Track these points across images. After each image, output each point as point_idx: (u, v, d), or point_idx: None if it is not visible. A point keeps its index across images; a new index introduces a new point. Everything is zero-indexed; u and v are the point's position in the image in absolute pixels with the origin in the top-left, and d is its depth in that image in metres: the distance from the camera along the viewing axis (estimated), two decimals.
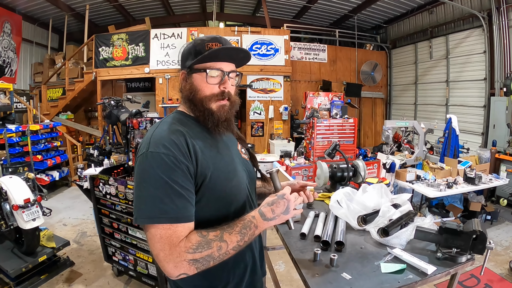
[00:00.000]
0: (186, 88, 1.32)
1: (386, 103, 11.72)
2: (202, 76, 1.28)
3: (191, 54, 1.30)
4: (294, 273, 3.74)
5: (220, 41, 1.30)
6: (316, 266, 1.57)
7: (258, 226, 1.20)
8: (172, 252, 1.07)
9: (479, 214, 5.11)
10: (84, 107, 10.68)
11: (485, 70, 7.70)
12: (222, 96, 1.30)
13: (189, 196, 1.15)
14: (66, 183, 7.52)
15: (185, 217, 1.12)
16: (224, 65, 1.30)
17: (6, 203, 3.34)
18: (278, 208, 1.23)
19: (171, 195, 1.10)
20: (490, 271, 3.81)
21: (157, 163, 1.12)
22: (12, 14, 9.29)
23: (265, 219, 1.21)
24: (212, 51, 1.24)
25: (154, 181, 1.11)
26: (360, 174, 2.80)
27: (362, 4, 9.99)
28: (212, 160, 1.25)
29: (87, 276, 3.81)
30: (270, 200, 1.25)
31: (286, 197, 1.26)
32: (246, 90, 8.95)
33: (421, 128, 5.88)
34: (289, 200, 1.26)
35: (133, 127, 3.61)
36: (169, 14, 11.82)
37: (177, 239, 1.08)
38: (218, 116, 1.29)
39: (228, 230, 1.15)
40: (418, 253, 1.67)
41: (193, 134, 1.25)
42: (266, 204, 1.24)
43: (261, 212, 1.22)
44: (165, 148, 1.14)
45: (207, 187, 1.21)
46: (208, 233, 1.13)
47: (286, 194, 1.26)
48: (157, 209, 1.09)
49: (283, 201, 1.25)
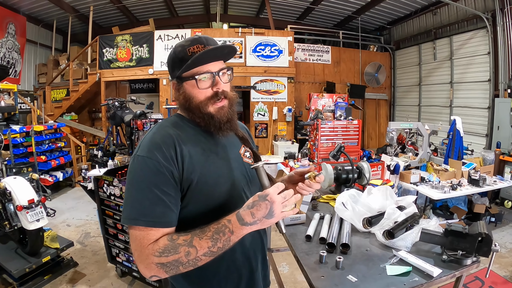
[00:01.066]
0: (180, 98, 1.30)
1: (390, 105, 11.69)
2: (192, 83, 1.24)
3: (176, 63, 1.26)
4: (298, 275, 3.73)
5: (201, 42, 1.24)
6: (322, 268, 1.57)
7: (234, 232, 1.08)
8: (141, 253, 1.09)
9: (483, 216, 5.09)
10: (88, 108, 10.72)
11: (489, 71, 7.67)
12: (218, 97, 1.26)
13: (169, 201, 1.14)
14: (70, 183, 7.54)
15: (161, 222, 1.12)
16: (212, 66, 1.25)
17: (10, 204, 3.34)
18: (259, 211, 1.07)
19: (151, 199, 1.11)
20: (495, 273, 3.79)
21: (141, 166, 1.15)
22: (16, 15, 9.35)
23: (243, 223, 1.07)
24: (195, 58, 1.19)
25: (137, 184, 1.14)
26: (365, 176, 2.79)
27: (366, 6, 9.98)
28: (201, 164, 1.22)
29: (91, 276, 3.81)
30: (250, 202, 1.09)
31: (269, 198, 1.06)
32: (250, 92, 8.95)
33: (425, 129, 5.88)
34: (273, 202, 1.06)
35: (138, 128, 3.62)
36: (173, 16, 11.85)
37: (147, 242, 1.09)
38: (219, 118, 1.26)
39: (199, 234, 1.08)
40: (423, 255, 1.67)
41: (186, 137, 1.24)
42: (246, 207, 1.09)
43: (239, 216, 1.08)
44: (150, 153, 1.15)
45: (193, 192, 1.20)
46: (178, 237, 1.09)
47: (269, 195, 1.06)
48: (136, 211, 1.12)
49: (265, 204, 1.06)
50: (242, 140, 1.44)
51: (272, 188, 1.09)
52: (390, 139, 5.94)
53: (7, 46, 9.09)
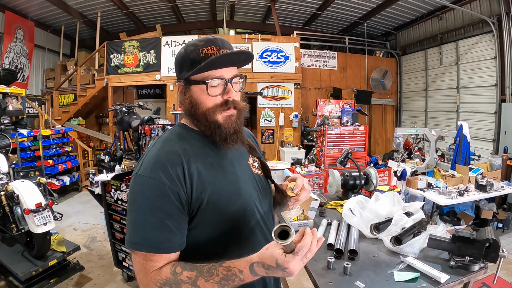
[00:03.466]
0: (185, 102, 1.20)
1: (397, 110, 11.65)
2: (201, 88, 1.15)
3: (186, 63, 1.16)
4: (304, 281, 3.71)
5: (216, 43, 1.15)
6: (330, 274, 1.57)
7: (245, 280, 1.01)
8: (145, 277, 1.05)
9: (490, 222, 5.05)
10: (95, 113, 10.79)
11: (496, 76, 7.62)
12: (227, 106, 1.17)
13: (173, 225, 1.06)
14: (77, 188, 7.58)
15: (164, 248, 1.05)
16: (225, 72, 1.15)
17: (17, 207, 3.36)
18: (274, 274, 0.98)
19: (153, 223, 1.04)
20: (502, 279, 3.75)
21: (142, 188, 1.06)
22: (25, 20, 9.47)
23: (255, 275, 1.00)
24: (210, 61, 1.10)
25: (139, 206, 1.07)
26: (372, 182, 2.79)
27: (372, 11, 9.99)
28: (211, 181, 1.13)
29: (97, 281, 3.82)
30: (266, 264, 0.97)
31: (289, 271, 0.94)
32: (257, 97, 8.97)
33: (432, 135, 5.85)
34: (291, 273, 0.96)
35: (145, 133, 3.64)
36: (179, 22, 11.92)
37: (150, 268, 1.04)
38: (226, 128, 1.17)
39: (206, 275, 1.00)
40: (431, 261, 1.67)
41: (193, 151, 1.14)
42: (261, 265, 0.97)
43: (251, 269, 0.99)
44: (153, 173, 1.06)
45: (204, 213, 1.11)
46: (183, 272, 1.02)
47: (289, 268, 0.93)
48: (138, 236, 1.05)
49: (282, 273, 0.97)
50: (249, 149, 1.37)
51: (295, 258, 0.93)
52: (396, 145, 5.92)
53: (15, 51, 9.20)
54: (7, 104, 6.13)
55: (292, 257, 0.93)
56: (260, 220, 1.25)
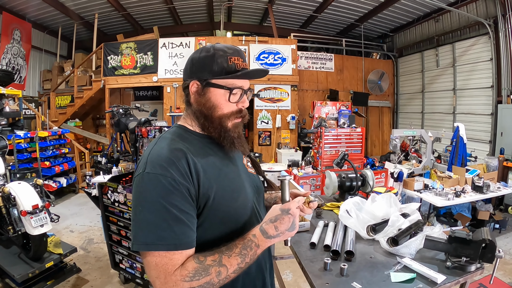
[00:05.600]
0: (201, 102, 1.22)
1: (393, 112, 11.70)
2: (223, 93, 1.20)
3: (211, 66, 1.19)
4: (301, 282, 3.72)
5: (241, 55, 1.24)
6: (326, 275, 1.57)
7: (260, 245, 1.09)
8: (167, 281, 1.00)
9: (487, 222, 5.07)
10: (92, 114, 10.80)
11: (492, 77, 7.68)
12: (240, 114, 1.25)
13: (188, 220, 1.06)
14: (73, 189, 7.57)
15: (183, 244, 1.03)
16: (245, 83, 1.24)
17: (14, 209, 3.35)
18: (282, 224, 1.10)
19: (169, 220, 1.02)
20: (499, 280, 3.76)
21: (153, 185, 1.04)
22: (22, 21, 9.45)
23: (267, 237, 1.09)
24: (245, 73, 1.19)
25: (151, 205, 1.03)
26: (369, 184, 2.80)
27: (369, 13, 10.03)
28: (216, 178, 1.15)
29: (94, 283, 3.81)
30: (273, 216, 1.11)
31: (292, 212, 1.11)
32: (254, 99, 8.99)
33: (429, 136, 5.87)
34: (295, 215, 1.11)
35: (142, 135, 3.63)
36: (177, 24, 11.94)
37: (172, 267, 1.01)
38: (233, 134, 1.23)
39: (227, 252, 1.05)
40: (427, 262, 1.67)
41: (195, 151, 1.15)
42: (269, 220, 1.11)
43: (262, 230, 1.10)
44: (163, 169, 1.05)
45: (210, 209, 1.12)
46: (206, 258, 1.04)
47: (292, 209, 1.11)
48: (153, 235, 1.01)
49: (288, 217, 1.10)
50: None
51: (293, 202, 1.14)
52: (393, 146, 5.93)
53: (12, 52, 9.18)
54: (4, 105, 6.11)
55: (291, 202, 1.14)
56: (258, 215, 1.30)
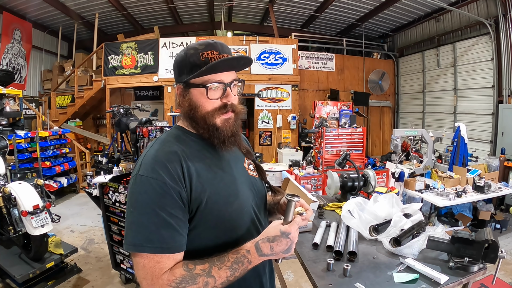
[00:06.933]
0: (184, 104, 1.21)
1: (394, 112, 11.69)
2: (201, 91, 1.16)
3: (186, 66, 1.18)
4: (303, 282, 3.71)
5: (216, 48, 1.17)
6: (329, 276, 1.57)
7: (252, 262, 1.08)
8: (154, 283, 1.01)
9: (488, 223, 5.06)
10: (92, 114, 10.80)
11: (493, 77, 7.67)
12: (226, 109, 1.19)
13: (177, 225, 1.06)
14: (74, 189, 7.56)
15: (170, 248, 1.04)
16: (225, 76, 1.17)
17: (15, 209, 3.35)
18: (279, 246, 1.08)
19: (157, 223, 1.03)
20: (501, 280, 3.75)
21: (144, 188, 1.05)
22: (23, 21, 9.45)
23: (261, 254, 1.08)
24: (211, 65, 1.12)
25: (141, 207, 1.05)
26: (371, 184, 2.79)
27: (369, 13, 10.02)
28: (210, 182, 1.14)
29: (95, 283, 3.80)
30: (272, 235, 1.09)
31: (291, 237, 1.09)
32: (254, 99, 8.99)
33: (430, 136, 5.87)
34: (293, 241, 1.09)
35: (143, 135, 3.63)
36: (177, 23, 11.92)
37: (160, 271, 1.02)
38: (224, 131, 1.19)
39: (217, 264, 1.05)
40: (430, 262, 1.66)
41: (191, 153, 1.15)
42: (266, 239, 1.09)
43: (257, 247, 1.08)
44: (155, 172, 1.06)
45: (203, 213, 1.11)
46: (195, 266, 1.04)
47: (292, 234, 1.09)
48: (142, 237, 1.03)
49: (286, 241, 1.08)
50: (247, 154, 1.39)
51: (293, 225, 1.11)
52: (394, 146, 5.93)
53: (12, 52, 9.17)
54: (4, 105, 6.11)
55: (292, 224, 1.10)
56: (256, 220, 1.27)
